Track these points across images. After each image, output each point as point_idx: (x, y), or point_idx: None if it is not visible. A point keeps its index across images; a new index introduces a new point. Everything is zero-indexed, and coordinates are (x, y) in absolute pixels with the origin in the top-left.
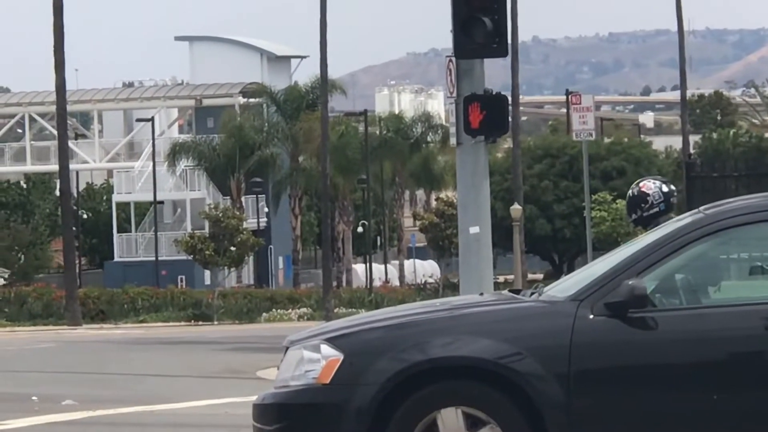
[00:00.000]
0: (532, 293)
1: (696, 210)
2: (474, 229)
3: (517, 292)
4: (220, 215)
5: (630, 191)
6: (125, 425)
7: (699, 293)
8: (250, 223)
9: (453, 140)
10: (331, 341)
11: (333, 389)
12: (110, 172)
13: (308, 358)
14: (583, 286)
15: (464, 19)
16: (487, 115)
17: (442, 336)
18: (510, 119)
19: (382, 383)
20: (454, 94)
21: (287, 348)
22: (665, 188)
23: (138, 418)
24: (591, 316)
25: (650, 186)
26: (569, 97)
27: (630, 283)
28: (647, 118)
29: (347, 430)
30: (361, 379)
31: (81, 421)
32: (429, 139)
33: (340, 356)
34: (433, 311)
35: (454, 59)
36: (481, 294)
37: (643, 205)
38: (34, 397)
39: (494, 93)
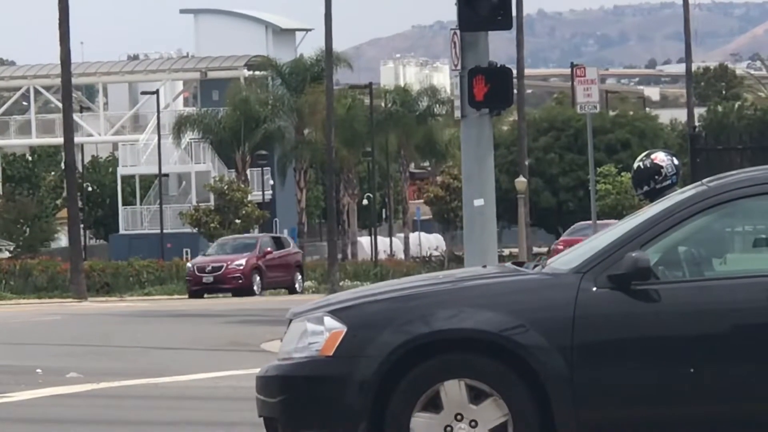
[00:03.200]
0: (535, 266)
1: (699, 182)
2: (478, 202)
3: (521, 264)
4: (225, 188)
5: (640, 163)
6: (129, 398)
7: (702, 266)
8: (255, 196)
9: (457, 113)
10: (335, 313)
11: (336, 361)
12: (115, 145)
13: (311, 330)
14: (586, 259)
15: None
16: (491, 87)
17: (445, 308)
18: (515, 92)
19: (386, 355)
20: (459, 67)
21: (290, 320)
22: (676, 161)
23: (142, 390)
24: (594, 289)
25: (663, 158)
26: (574, 69)
27: (633, 255)
28: (652, 91)
29: (351, 402)
30: (364, 351)
31: (85, 394)
32: (435, 111)
33: (344, 328)
34: (436, 284)
35: (458, 32)
36: (485, 266)
37: (656, 177)
38: (38, 370)
39: (498, 66)
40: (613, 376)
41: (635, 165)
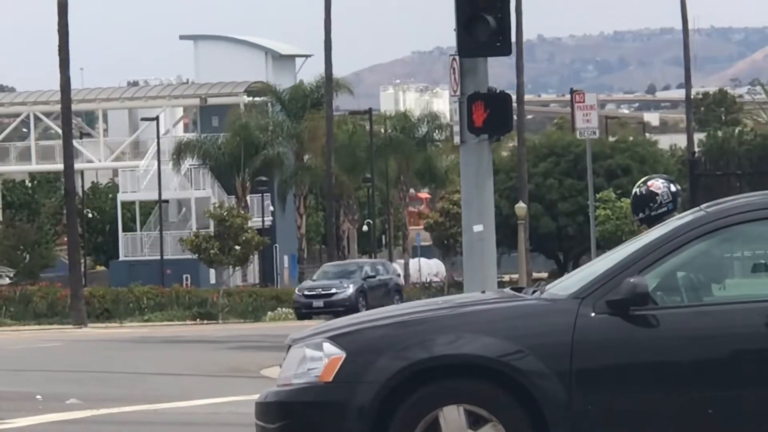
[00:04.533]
0: (534, 291)
1: (697, 207)
2: (478, 228)
3: (519, 290)
4: (225, 214)
5: (637, 189)
6: (130, 424)
7: (700, 291)
8: (255, 222)
9: (457, 139)
10: (334, 339)
11: (335, 387)
12: (115, 171)
13: (310, 356)
14: (584, 284)
15: (468, 18)
16: (490, 113)
17: (444, 334)
18: (515, 118)
19: (385, 381)
20: (458, 93)
21: (290, 346)
22: (673, 188)
23: (142, 416)
24: (593, 314)
25: (659, 185)
26: (573, 95)
27: (632, 280)
28: (652, 117)
29: (350, 428)
30: (363, 377)
31: (85, 420)
32: (435, 137)
33: (343, 354)
34: (435, 309)
35: (457, 58)
36: (483, 292)
37: (651, 204)
38: (38, 396)
39: (498, 91)
40: (611, 401)
41: (633, 191)
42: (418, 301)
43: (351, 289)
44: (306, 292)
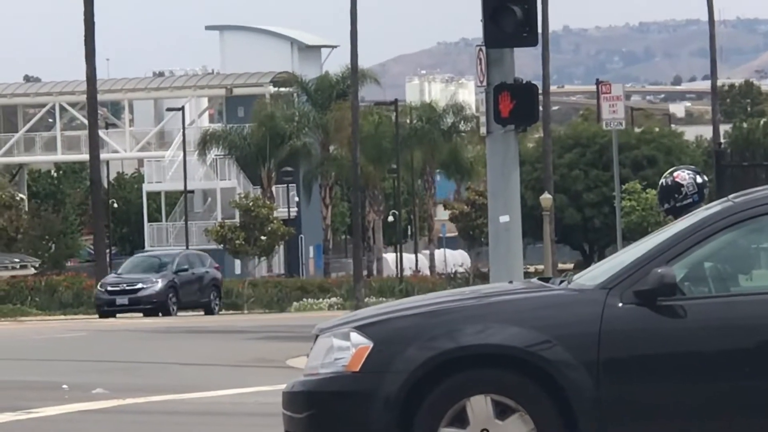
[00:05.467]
0: (562, 281)
1: (725, 198)
2: (504, 218)
3: (547, 280)
4: (251, 204)
5: (663, 180)
6: (156, 413)
7: (728, 281)
8: (281, 213)
9: (483, 129)
10: (361, 329)
11: (362, 377)
12: (140, 162)
13: (338, 345)
14: (612, 275)
15: (494, 8)
16: (517, 104)
17: (472, 324)
18: (540, 108)
19: (412, 371)
20: (485, 84)
21: (317, 336)
22: (699, 179)
23: (168, 406)
24: (620, 304)
25: (684, 176)
26: (599, 86)
27: (659, 271)
28: (678, 108)
29: (377, 418)
30: (390, 366)
31: (112, 410)
32: (460, 128)
33: (370, 344)
34: (462, 299)
35: (484, 48)
36: (511, 282)
37: (676, 195)
38: (64, 386)
39: (524, 82)
40: (639, 391)
41: (660, 182)
42: (445, 291)
43: (160, 284)
44: (109, 288)
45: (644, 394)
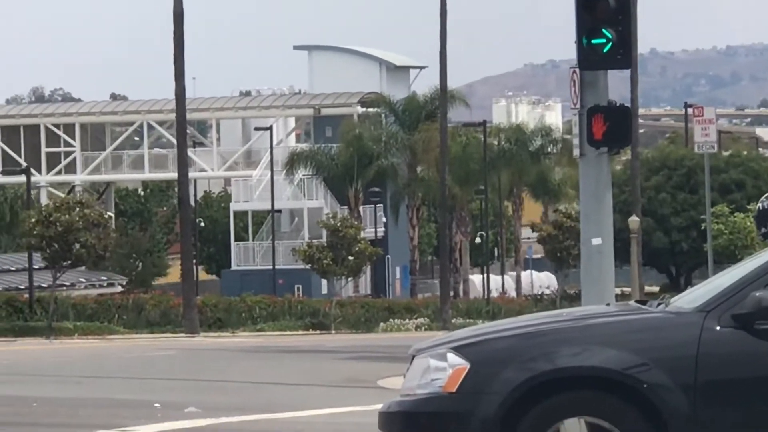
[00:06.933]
0: (659, 304)
1: None
2: (596, 241)
3: (644, 302)
4: (339, 225)
5: (759, 204)
6: None
7: None
8: (368, 233)
9: (576, 152)
10: (458, 350)
11: (459, 398)
12: (227, 181)
13: (435, 366)
14: (709, 298)
15: (589, 30)
16: (610, 126)
17: (569, 346)
18: None
19: (509, 392)
20: (578, 105)
21: (413, 357)
22: None
23: (262, 426)
24: (718, 328)
25: None
26: (692, 109)
27: (757, 294)
28: (765, 132)
29: None
30: (487, 388)
31: (205, 429)
32: (548, 150)
33: (467, 365)
34: (560, 321)
35: (578, 70)
36: (608, 304)
37: None
38: (156, 404)
39: (618, 104)
40: (736, 415)
41: (757, 206)
42: (541, 313)
43: None
44: None
45: (741, 417)
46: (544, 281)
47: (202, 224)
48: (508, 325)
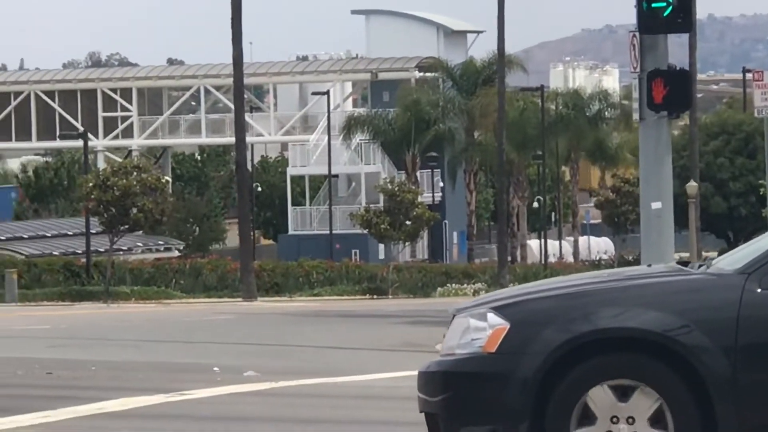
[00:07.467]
0: (701, 266)
1: None
2: (656, 205)
3: (686, 264)
4: (396, 189)
5: None
6: (309, 396)
7: None
8: (425, 198)
9: (636, 116)
10: (498, 310)
11: (499, 358)
12: (284, 146)
13: (474, 326)
14: (751, 260)
15: None
16: (670, 90)
17: (609, 307)
18: None
19: (549, 353)
20: (638, 70)
21: (453, 316)
22: None
23: (321, 389)
24: (758, 290)
25: None
26: (752, 74)
27: None
28: None
29: (513, 400)
30: (527, 348)
31: (264, 392)
32: (606, 115)
33: (507, 325)
34: (600, 282)
35: (637, 34)
36: (649, 265)
37: None
38: (215, 368)
39: (678, 68)
40: None
41: None
42: (583, 274)
43: None
44: None
45: None
46: (601, 246)
47: (259, 189)
48: (548, 285)
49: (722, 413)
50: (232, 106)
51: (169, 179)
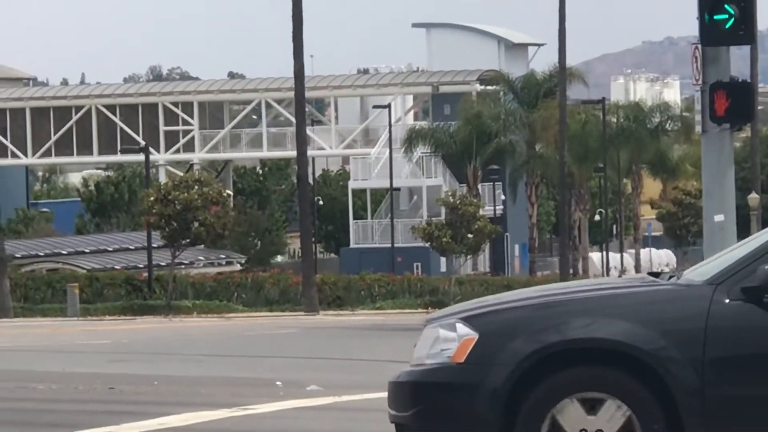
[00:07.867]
0: (671, 277)
1: None
2: (719, 218)
3: (657, 275)
4: (458, 202)
5: None
6: (373, 411)
7: None
8: (487, 211)
9: (698, 128)
10: (467, 320)
11: (467, 368)
12: (345, 159)
13: (444, 336)
14: (720, 270)
15: (712, 6)
16: (732, 102)
17: (578, 317)
18: None
19: (517, 363)
20: (700, 82)
21: (425, 326)
22: None
23: (383, 403)
24: (727, 301)
25: None
26: None
27: (766, 268)
28: None
29: (481, 410)
30: (495, 359)
31: (328, 407)
32: (667, 128)
33: (475, 335)
34: (570, 292)
35: (699, 46)
36: (620, 276)
37: None
38: (278, 382)
39: (740, 81)
40: (744, 389)
41: None
42: (553, 285)
43: None
44: None
45: (750, 391)
46: (663, 259)
47: (321, 202)
48: (519, 296)
49: (690, 425)
50: (293, 119)
51: (231, 193)
